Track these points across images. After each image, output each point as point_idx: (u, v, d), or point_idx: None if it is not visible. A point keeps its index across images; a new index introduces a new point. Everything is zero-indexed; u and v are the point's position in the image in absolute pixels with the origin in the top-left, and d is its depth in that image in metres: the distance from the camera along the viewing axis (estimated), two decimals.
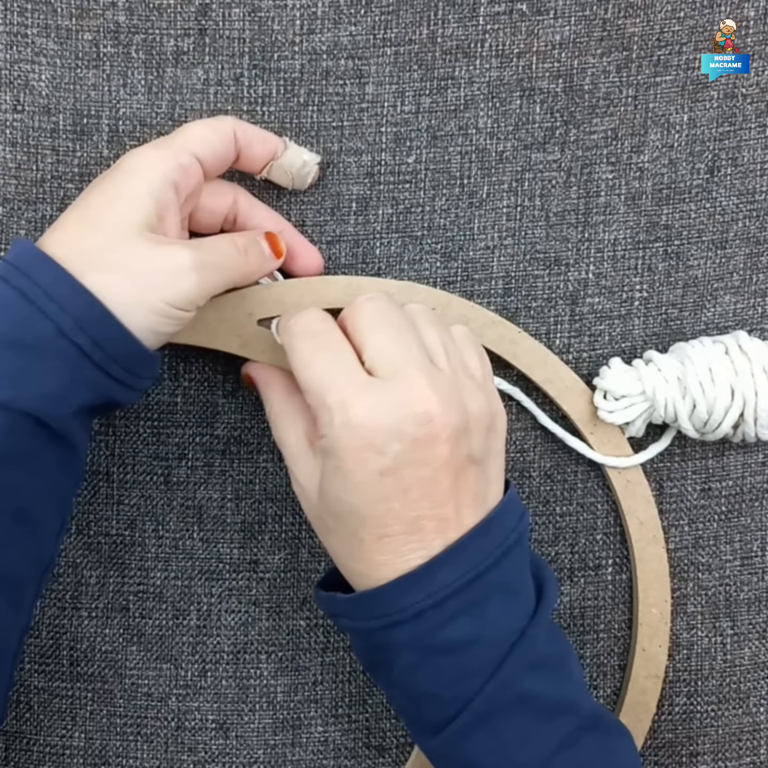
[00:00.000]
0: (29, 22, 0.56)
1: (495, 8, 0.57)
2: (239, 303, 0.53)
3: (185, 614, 0.59)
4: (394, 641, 0.46)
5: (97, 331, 0.46)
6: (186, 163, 0.49)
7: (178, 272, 0.47)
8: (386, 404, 0.44)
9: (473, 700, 0.45)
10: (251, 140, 0.53)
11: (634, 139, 0.58)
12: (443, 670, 0.46)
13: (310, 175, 0.56)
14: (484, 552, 0.46)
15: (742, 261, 0.59)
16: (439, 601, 0.45)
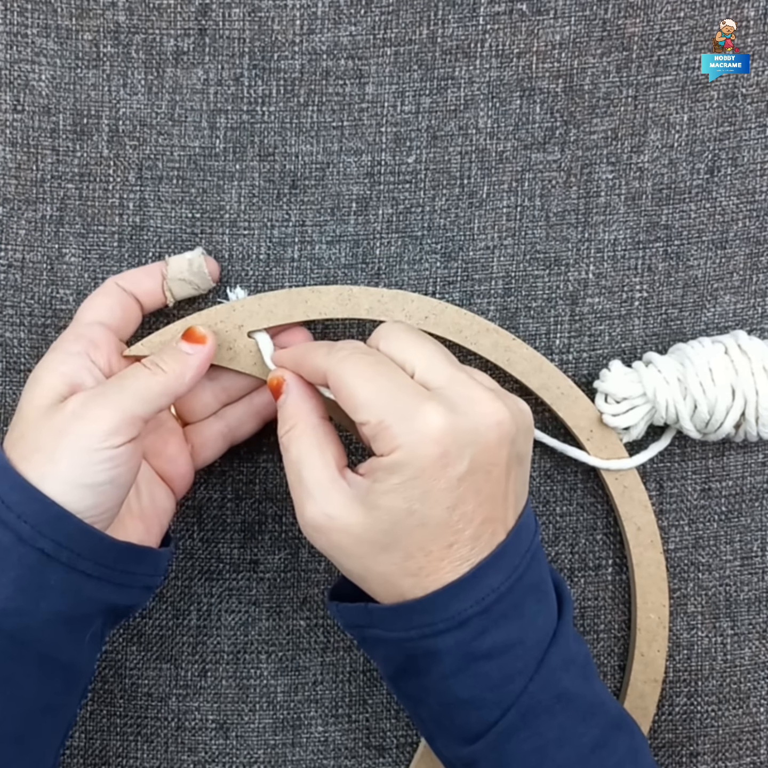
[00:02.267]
0: (29, 22, 0.56)
1: (495, 8, 0.57)
2: (228, 315, 0.53)
3: (185, 614, 0.59)
4: (436, 649, 0.45)
5: (57, 532, 0.45)
6: (83, 332, 0.51)
7: (76, 416, 0.47)
8: (458, 411, 0.44)
9: (517, 702, 0.46)
10: (136, 280, 0.54)
11: (634, 139, 0.58)
12: (487, 673, 0.46)
13: (203, 266, 0.55)
14: (519, 554, 0.46)
15: (742, 261, 0.59)
16: (486, 607, 0.45)
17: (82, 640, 0.48)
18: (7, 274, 0.57)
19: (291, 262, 0.58)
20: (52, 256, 0.57)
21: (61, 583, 0.46)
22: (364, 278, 0.58)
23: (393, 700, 0.60)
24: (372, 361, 0.46)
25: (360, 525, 0.45)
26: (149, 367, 0.49)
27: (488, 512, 0.45)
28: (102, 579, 0.47)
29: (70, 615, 0.46)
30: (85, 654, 0.49)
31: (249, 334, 0.53)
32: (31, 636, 0.45)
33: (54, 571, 0.45)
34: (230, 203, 0.58)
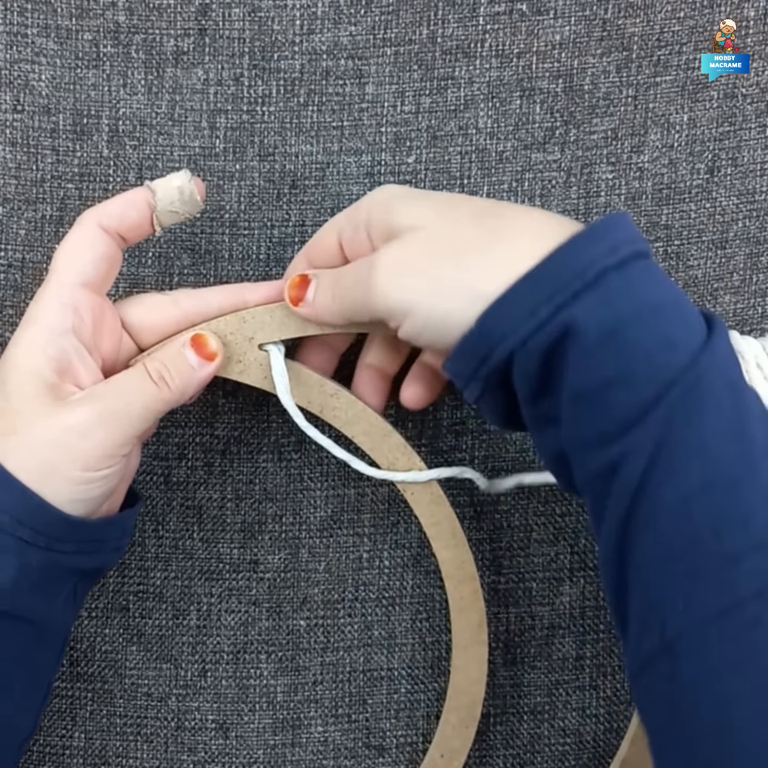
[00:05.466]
0: (29, 22, 0.56)
1: (495, 8, 0.57)
2: (239, 327, 0.51)
3: (185, 614, 0.59)
4: (573, 322, 0.39)
5: (36, 521, 0.45)
6: (68, 301, 0.47)
7: (79, 434, 0.45)
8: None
9: (681, 377, 0.39)
10: (120, 215, 0.48)
11: (634, 139, 0.58)
12: (638, 340, 0.39)
13: (194, 193, 0.50)
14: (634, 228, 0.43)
15: (742, 261, 0.58)
16: (623, 259, 0.40)
17: (55, 601, 0.48)
18: (7, 274, 0.57)
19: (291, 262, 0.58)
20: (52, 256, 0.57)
21: (41, 562, 0.46)
22: None
23: (393, 700, 0.60)
24: None
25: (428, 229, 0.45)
26: (156, 381, 0.48)
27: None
28: (76, 552, 0.47)
29: (43, 584, 0.47)
30: (58, 612, 0.48)
31: (260, 346, 0.52)
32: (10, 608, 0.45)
33: (33, 554, 0.45)
34: (230, 203, 0.58)
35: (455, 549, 0.54)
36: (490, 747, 0.59)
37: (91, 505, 0.47)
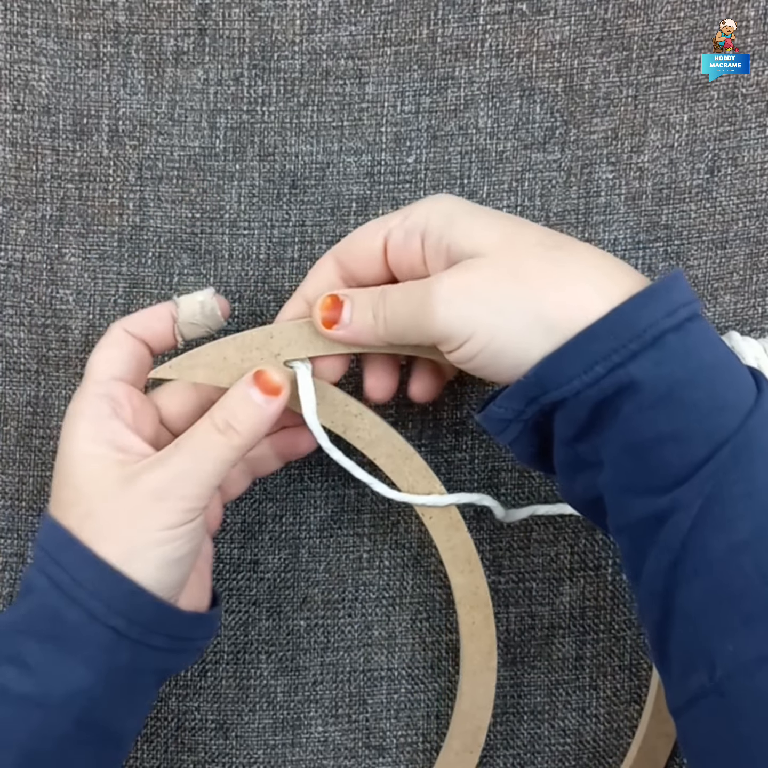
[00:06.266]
0: (29, 22, 0.56)
1: (495, 8, 0.57)
2: (265, 342, 0.50)
3: None
4: (630, 380, 0.40)
5: (130, 608, 0.45)
6: (105, 392, 0.48)
7: (155, 498, 0.45)
8: None
9: (733, 438, 0.40)
10: (144, 323, 0.50)
11: (634, 139, 0.58)
12: (694, 402, 0.40)
13: (215, 308, 0.51)
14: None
15: (742, 261, 0.58)
16: (679, 322, 0.41)
17: (140, 711, 0.48)
18: (7, 274, 0.57)
19: (291, 262, 0.58)
20: (52, 256, 0.57)
21: (130, 661, 0.45)
22: None
23: (393, 700, 0.60)
24: None
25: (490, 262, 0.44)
26: (222, 429, 0.47)
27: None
28: (167, 650, 0.47)
29: (133, 689, 0.46)
30: (137, 721, 0.49)
31: (286, 363, 0.50)
32: (96, 716, 0.45)
33: (124, 649, 0.45)
34: (230, 203, 0.58)
35: (470, 575, 0.54)
36: (490, 747, 0.59)
37: (178, 570, 0.46)
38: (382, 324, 0.47)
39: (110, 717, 0.46)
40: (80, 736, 0.44)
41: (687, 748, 0.42)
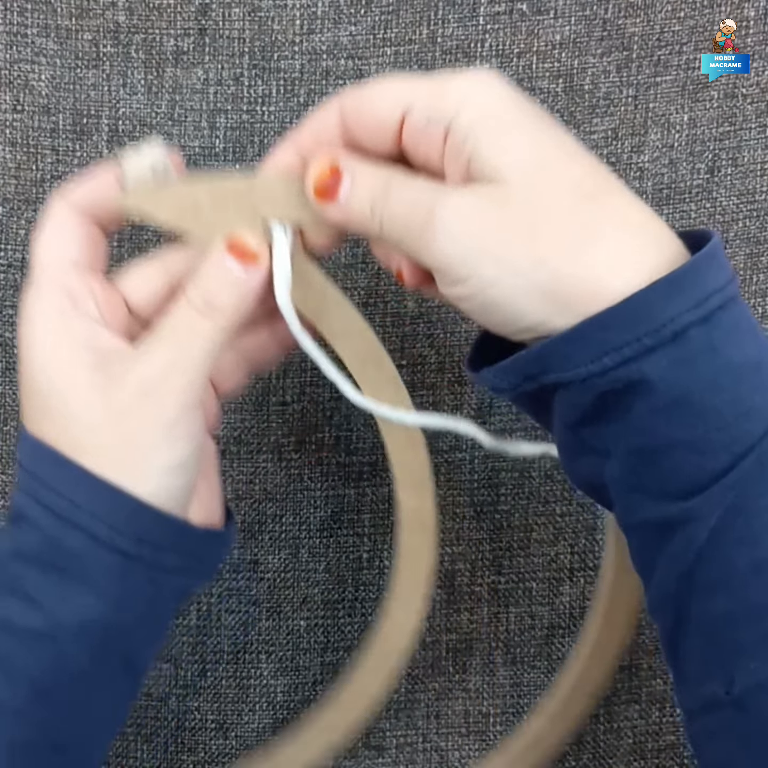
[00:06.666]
0: (29, 22, 0.56)
1: (495, 8, 0.57)
2: (245, 194, 0.42)
3: (185, 614, 0.59)
4: (642, 378, 0.36)
5: (137, 527, 0.40)
6: (64, 284, 0.42)
7: (145, 394, 0.40)
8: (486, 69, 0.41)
9: (758, 446, 0.36)
10: (89, 199, 0.43)
11: (634, 139, 0.58)
12: (716, 407, 0.36)
13: (169, 169, 0.43)
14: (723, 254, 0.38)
15: (743, 261, 0.58)
16: (708, 313, 0.36)
17: (158, 637, 0.44)
18: (6, 274, 0.57)
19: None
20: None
21: (142, 585, 0.41)
22: (363, 278, 0.58)
23: (392, 700, 0.60)
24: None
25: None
26: (202, 310, 0.40)
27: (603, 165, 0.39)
28: (183, 570, 0.42)
29: (149, 614, 0.42)
30: (157, 648, 0.44)
31: (263, 222, 0.42)
32: (112, 646, 0.41)
33: (135, 572, 0.40)
34: None
35: (421, 499, 0.49)
36: (490, 747, 0.59)
37: (181, 484, 0.41)
38: (378, 224, 0.40)
39: (127, 646, 0.41)
40: (96, 668, 0.41)
41: (701, 756, 0.40)
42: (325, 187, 0.41)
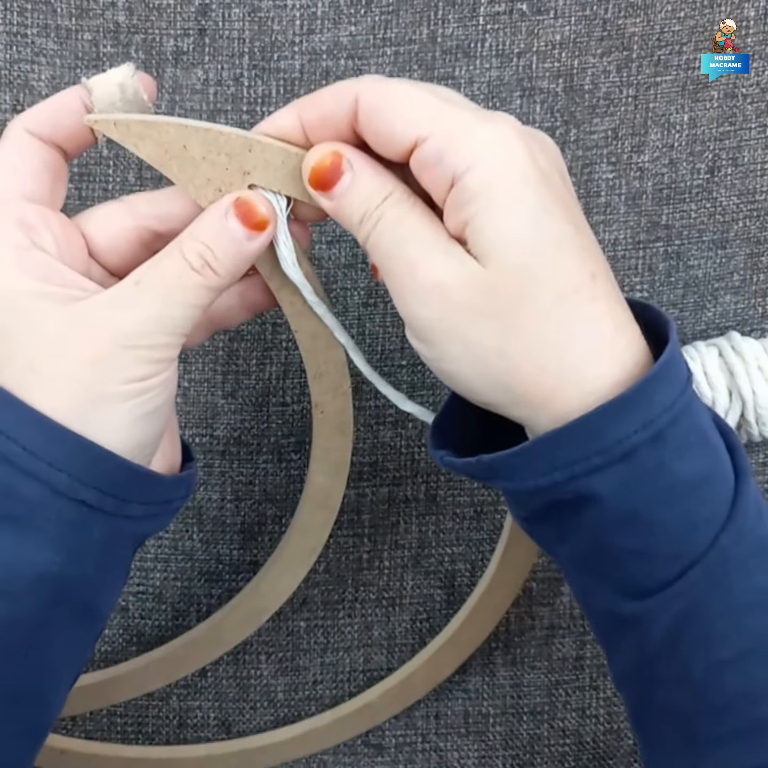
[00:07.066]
0: (29, 22, 0.56)
1: (495, 8, 0.56)
2: (240, 152, 0.40)
3: (185, 615, 0.59)
4: (592, 493, 0.36)
5: (100, 478, 0.37)
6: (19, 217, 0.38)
7: (123, 350, 0.37)
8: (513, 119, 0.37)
9: (704, 557, 0.37)
10: (52, 121, 0.39)
11: (634, 138, 0.58)
12: (664, 522, 0.37)
13: (139, 91, 0.40)
14: (681, 359, 0.38)
15: (743, 261, 0.58)
16: (658, 431, 0.36)
17: (117, 581, 0.41)
18: None
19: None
20: None
21: (104, 533, 0.38)
22: (363, 278, 0.58)
23: None
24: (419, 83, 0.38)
25: (471, 282, 0.37)
26: (197, 267, 0.38)
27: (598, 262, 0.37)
28: (145, 518, 0.40)
29: (108, 562, 0.39)
30: (117, 592, 0.42)
31: (251, 187, 0.40)
32: (69, 595, 0.38)
33: (96, 522, 0.37)
34: None
35: (333, 479, 0.48)
36: (489, 747, 0.60)
37: (148, 435, 0.39)
38: (363, 236, 0.39)
39: (85, 594, 0.39)
40: (52, 617, 0.38)
41: None
42: (321, 177, 0.39)
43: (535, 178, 0.37)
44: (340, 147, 0.39)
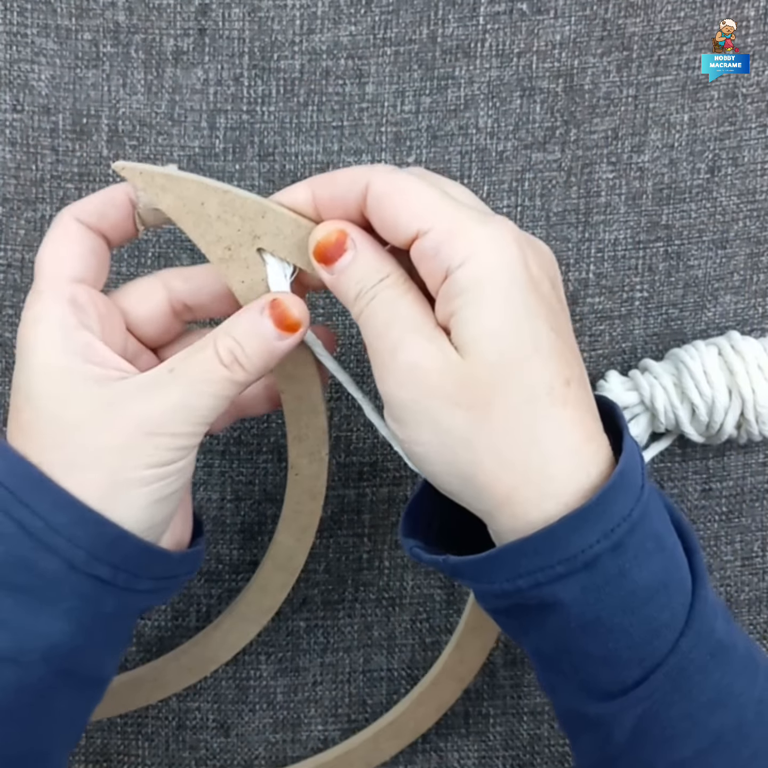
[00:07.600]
0: (29, 22, 0.56)
1: (495, 8, 0.56)
2: (253, 217, 0.42)
3: (185, 615, 0.59)
4: (555, 600, 0.38)
5: (115, 555, 0.39)
6: (67, 297, 0.41)
7: (147, 437, 0.39)
8: (512, 224, 0.39)
9: (665, 662, 0.38)
10: (99, 212, 0.42)
11: (634, 138, 0.58)
12: (626, 629, 0.38)
13: None
14: (639, 464, 0.39)
15: (743, 261, 0.58)
16: (618, 541, 0.37)
17: (120, 650, 0.44)
18: (6, 274, 0.57)
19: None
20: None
21: (114, 606, 0.40)
22: None
23: (393, 700, 0.60)
24: (428, 180, 0.40)
25: (451, 371, 0.38)
26: (227, 364, 0.40)
27: (574, 369, 0.39)
28: (154, 591, 0.42)
29: (115, 633, 0.42)
30: (116, 661, 0.44)
31: (260, 251, 0.42)
32: (77, 665, 0.40)
33: (109, 596, 0.40)
34: None
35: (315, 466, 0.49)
36: (489, 748, 0.60)
37: (163, 516, 0.41)
38: (356, 311, 0.41)
39: (91, 662, 0.41)
40: (60, 685, 0.40)
41: None
42: (325, 251, 0.41)
43: (524, 280, 0.38)
44: (347, 226, 0.41)
